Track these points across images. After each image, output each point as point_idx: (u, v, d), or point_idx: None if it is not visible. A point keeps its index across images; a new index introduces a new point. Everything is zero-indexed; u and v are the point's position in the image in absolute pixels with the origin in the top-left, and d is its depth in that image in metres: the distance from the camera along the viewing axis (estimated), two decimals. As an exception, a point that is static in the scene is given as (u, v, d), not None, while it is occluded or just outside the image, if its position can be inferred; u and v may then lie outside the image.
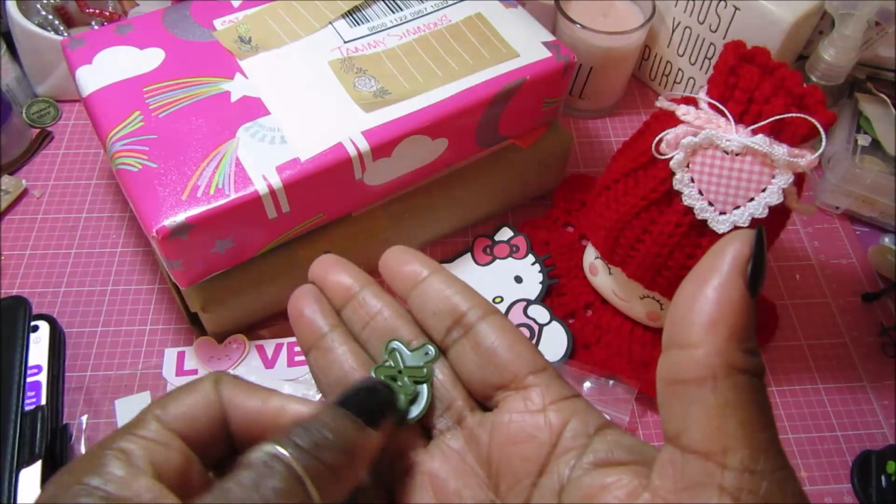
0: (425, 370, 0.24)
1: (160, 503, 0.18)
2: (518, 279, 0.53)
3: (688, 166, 0.40)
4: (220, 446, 0.22)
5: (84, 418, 0.45)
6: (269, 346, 0.49)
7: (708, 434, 0.17)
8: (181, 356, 0.48)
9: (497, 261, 0.54)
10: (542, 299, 0.52)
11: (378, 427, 0.21)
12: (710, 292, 0.18)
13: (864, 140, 0.59)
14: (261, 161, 0.42)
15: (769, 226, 0.41)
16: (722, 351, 0.17)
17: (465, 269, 0.54)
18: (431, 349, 0.25)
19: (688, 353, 0.18)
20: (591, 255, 0.51)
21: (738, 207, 0.40)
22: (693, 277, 0.19)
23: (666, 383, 0.19)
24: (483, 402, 0.24)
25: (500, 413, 0.23)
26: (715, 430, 0.17)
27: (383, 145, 0.43)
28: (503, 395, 0.23)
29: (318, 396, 0.37)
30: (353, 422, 0.21)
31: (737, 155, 0.39)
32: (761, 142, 0.38)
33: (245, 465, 0.19)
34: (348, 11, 0.49)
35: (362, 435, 0.21)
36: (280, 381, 0.47)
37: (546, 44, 0.49)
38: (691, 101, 0.42)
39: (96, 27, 0.63)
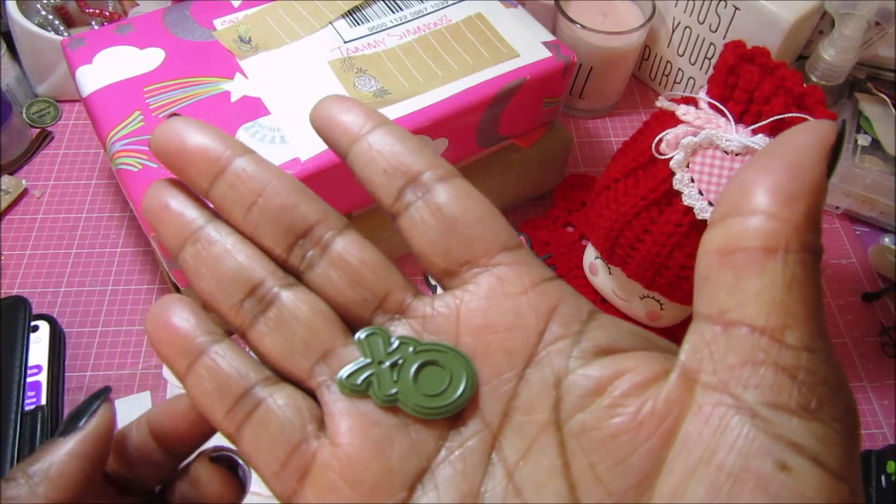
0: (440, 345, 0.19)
1: None
2: (518, 279, 0.53)
3: (688, 166, 0.40)
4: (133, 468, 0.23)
5: (84, 418, 0.46)
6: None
7: (769, 308, 0.16)
8: (181, 356, 0.48)
9: (497, 261, 0.54)
10: (542, 299, 0.52)
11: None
12: (793, 167, 0.16)
13: (864, 140, 0.59)
14: (261, 161, 0.42)
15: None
16: (799, 226, 0.16)
17: (465, 269, 0.53)
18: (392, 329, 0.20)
19: (758, 220, 0.16)
20: (591, 255, 0.51)
21: (738, 207, 0.40)
22: (769, 152, 0.17)
23: (719, 254, 0.17)
24: (439, 278, 0.20)
25: (470, 296, 0.19)
26: (778, 304, 0.16)
27: (383, 145, 0.43)
28: (471, 273, 0.19)
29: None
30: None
31: (737, 155, 0.39)
32: (761, 142, 0.38)
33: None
34: (348, 11, 0.49)
35: None
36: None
37: (546, 44, 0.49)
38: (691, 101, 0.42)
39: (96, 27, 0.63)
